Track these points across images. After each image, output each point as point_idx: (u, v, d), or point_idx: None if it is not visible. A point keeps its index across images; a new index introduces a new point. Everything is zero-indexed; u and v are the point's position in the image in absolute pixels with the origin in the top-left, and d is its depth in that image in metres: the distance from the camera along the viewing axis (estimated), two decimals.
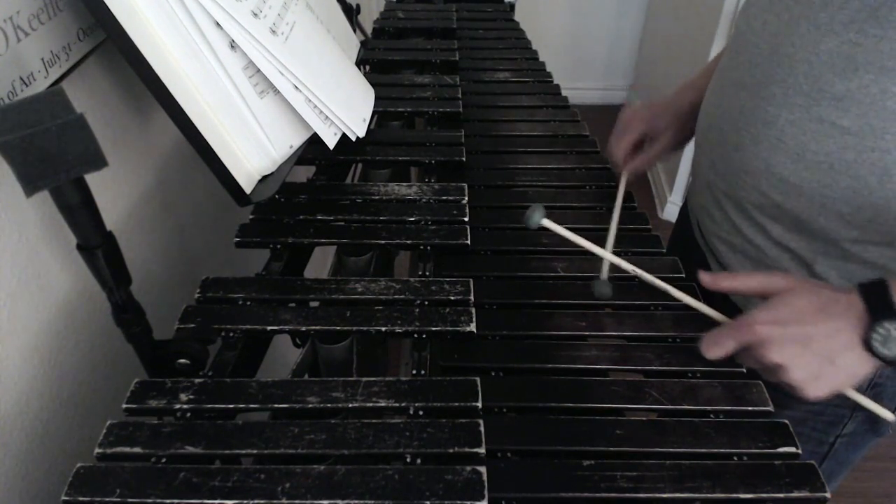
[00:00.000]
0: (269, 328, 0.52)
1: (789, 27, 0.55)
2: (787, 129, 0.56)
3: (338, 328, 0.52)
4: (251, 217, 0.63)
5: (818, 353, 0.46)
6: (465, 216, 0.64)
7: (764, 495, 0.42)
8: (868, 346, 0.45)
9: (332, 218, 0.63)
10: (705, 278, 0.53)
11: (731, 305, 0.64)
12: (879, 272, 0.58)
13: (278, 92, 0.59)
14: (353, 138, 0.68)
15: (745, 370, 0.51)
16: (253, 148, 0.58)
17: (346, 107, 0.67)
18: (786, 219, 0.60)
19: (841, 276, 0.60)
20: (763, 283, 0.51)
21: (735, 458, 0.45)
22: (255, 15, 0.56)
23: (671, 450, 0.45)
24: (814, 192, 0.56)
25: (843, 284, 0.60)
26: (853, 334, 0.46)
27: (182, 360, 0.49)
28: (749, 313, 0.49)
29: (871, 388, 0.62)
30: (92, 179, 0.39)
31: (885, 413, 0.52)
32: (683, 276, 0.61)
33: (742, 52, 0.61)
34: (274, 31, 0.58)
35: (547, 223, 0.55)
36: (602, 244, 0.59)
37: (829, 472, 0.71)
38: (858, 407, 0.67)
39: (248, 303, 0.54)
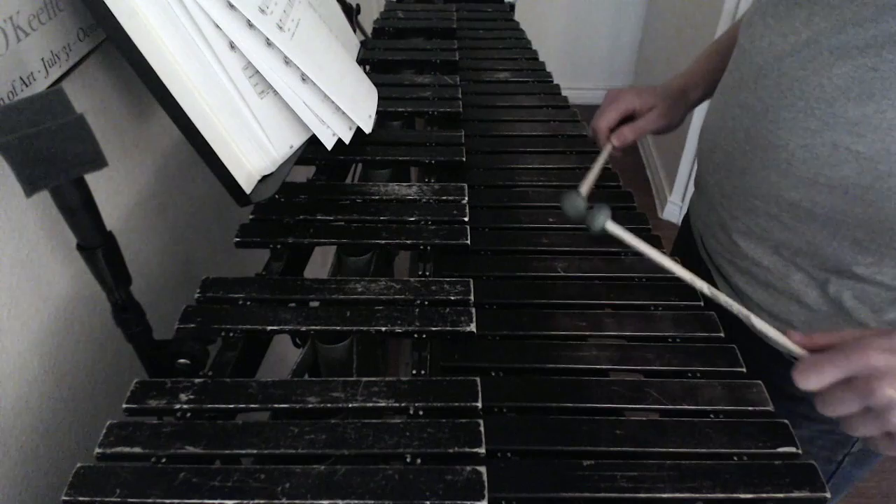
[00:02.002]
0: (269, 328, 0.52)
1: (798, 50, 0.54)
2: (797, 154, 0.55)
3: (338, 328, 0.52)
4: (251, 217, 0.63)
5: None
6: (465, 216, 0.64)
7: (764, 495, 0.42)
8: None
9: (332, 218, 0.63)
10: (797, 337, 0.46)
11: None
12: (895, 293, 0.57)
13: (278, 92, 0.59)
14: (347, 140, 0.68)
15: (744, 370, 0.51)
16: (253, 148, 0.58)
17: (352, 103, 0.67)
18: (797, 242, 0.59)
19: (855, 296, 0.59)
20: (862, 332, 0.44)
21: (735, 458, 0.45)
22: (262, 11, 0.56)
23: (671, 450, 0.45)
24: (826, 217, 0.55)
25: (857, 305, 0.59)
26: None
27: (182, 360, 0.48)
28: (860, 338, 0.41)
29: None
30: (92, 179, 0.39)
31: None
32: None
33: (746, 73, 0.60)
34: (281, 28, 0.58)
35: (612, 227, 0.50)
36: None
37: (834, 488, 0.69)
38: None
39: (248, 303, 0.54)
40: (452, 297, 0.54)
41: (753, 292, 0.66)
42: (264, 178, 0.59)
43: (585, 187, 0.59)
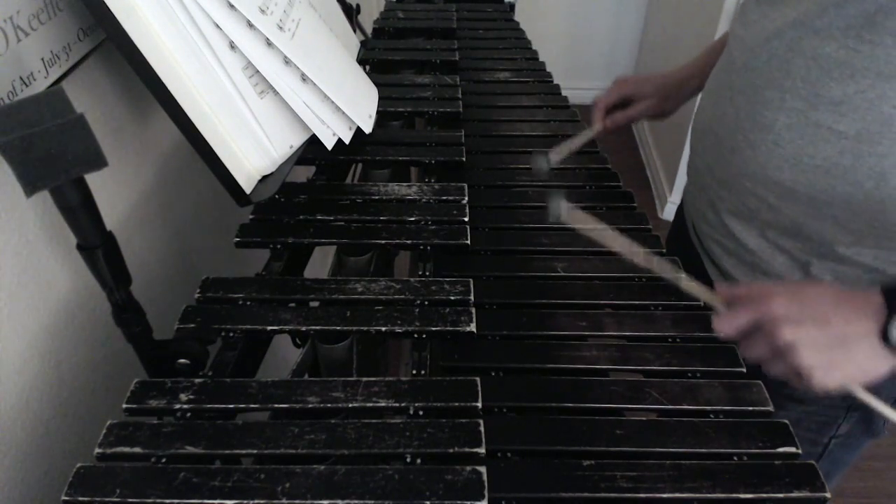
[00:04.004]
0: (269, 328, 0.52)
1: (785, 32, 0.55)
2: (784, 134, 0.56)
3: (338, 328, 0.52)
4: (251, 217, 0.63)
5: (833, 336, 0.44)
6: (465, 216, 0.64)
7: (764, 495, 0.42)
8: (885, 336, 0.44)
9: (332, 218, 0.63)
10: (722, 291, 0.50)
11: None
12: (875, 275, 0.58)
13: (278, 92, 0.59)
14: (347, 140, 0.68)
15: (744, 370, 0.51)
16: (253, 148, 0.58)
17: (352, 103, 0.67)
18: (781, 222, 0.60)
19: (836, 278, 0.59)
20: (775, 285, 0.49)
21: (735, 458, 0.45)
22: (263, 11, 0.56)
23: (671, 450, 0.45)
24: (810, 196, 0.56)
25: (839, 287, 0.60)
26: (871, 323, 0.44)
27: (182, 360, 0.49)
28: (769, 288, 0.47)
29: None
30: (92, 179, 0.39)
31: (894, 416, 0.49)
32: (683, 276, 0.61)
33: (737, 56, 0.61)
34: (281, 28, 0.58)
35: (566, 217, 0.53)
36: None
37: (824, 472, 0.70)
38: (852, 407, 0.66)
39: (248, 303, 0.54)
40: (452, 297, 0.54)
41: (740, 274, 0.67)
42: (264, 178, 0.59)
43: (556, 154, 0.71)
